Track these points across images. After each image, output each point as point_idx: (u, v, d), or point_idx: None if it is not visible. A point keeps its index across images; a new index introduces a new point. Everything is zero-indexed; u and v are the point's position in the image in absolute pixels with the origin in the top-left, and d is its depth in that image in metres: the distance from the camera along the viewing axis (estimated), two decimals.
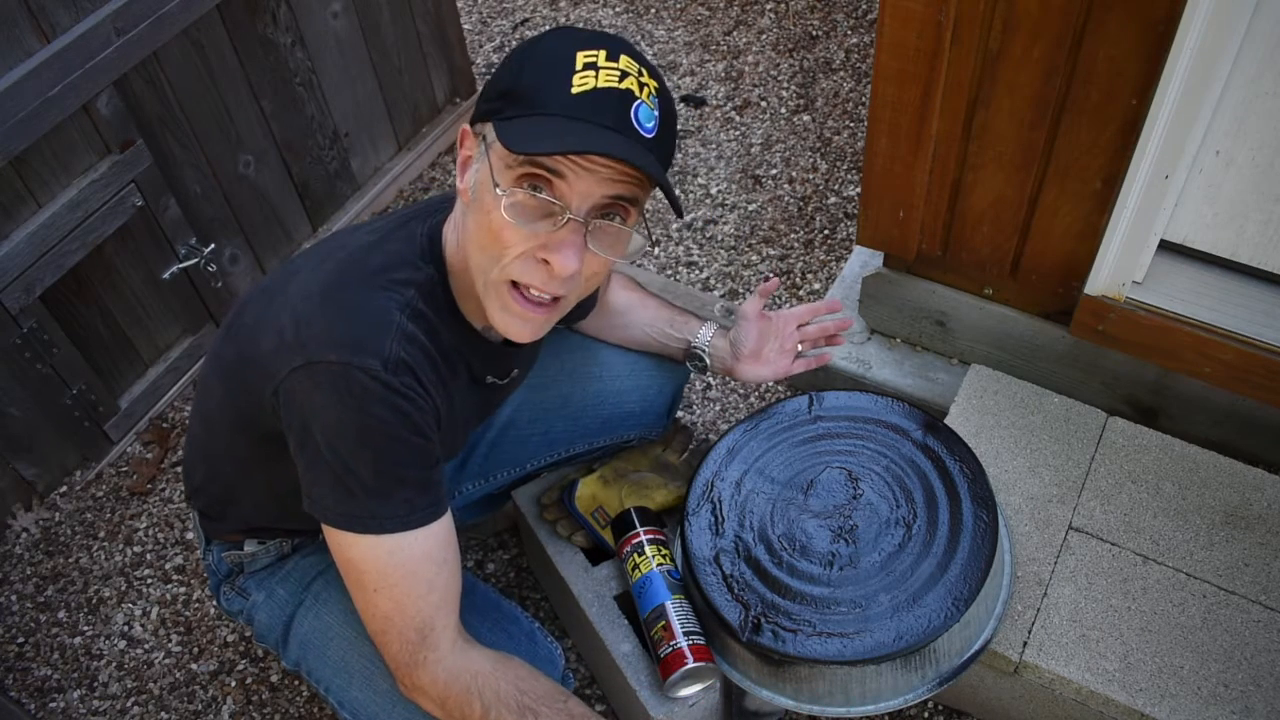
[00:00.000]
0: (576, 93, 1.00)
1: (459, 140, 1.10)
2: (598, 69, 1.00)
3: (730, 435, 1.53)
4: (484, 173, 1.04)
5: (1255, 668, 1.36)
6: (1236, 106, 1.37)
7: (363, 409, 1.05)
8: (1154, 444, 1.60)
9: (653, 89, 1.04)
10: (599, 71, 1.00)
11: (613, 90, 1.01)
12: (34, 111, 1.67)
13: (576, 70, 1.00)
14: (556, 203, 1.02)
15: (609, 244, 1.07)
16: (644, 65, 1.04)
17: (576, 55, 1.01)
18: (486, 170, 1.04)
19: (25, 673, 1.80)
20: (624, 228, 1.08)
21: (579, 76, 1.00)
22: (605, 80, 1.00)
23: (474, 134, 1.08)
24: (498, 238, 1.04)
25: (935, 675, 1.33)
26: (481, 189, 1.05)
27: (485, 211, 1.05)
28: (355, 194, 2.50)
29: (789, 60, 2.81)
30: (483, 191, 1.05)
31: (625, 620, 1.48)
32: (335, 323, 1.07)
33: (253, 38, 2.07)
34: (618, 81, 1.01)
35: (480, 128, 1.07)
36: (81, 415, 1.99)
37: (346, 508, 1.08)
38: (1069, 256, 1.61)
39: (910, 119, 1.56)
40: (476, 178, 1.06)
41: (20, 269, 1.75)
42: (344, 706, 1.32)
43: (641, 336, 1.57)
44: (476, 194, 1.07)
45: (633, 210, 1.07)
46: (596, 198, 1.03)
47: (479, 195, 1.06)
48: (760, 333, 1.51)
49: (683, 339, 1.55)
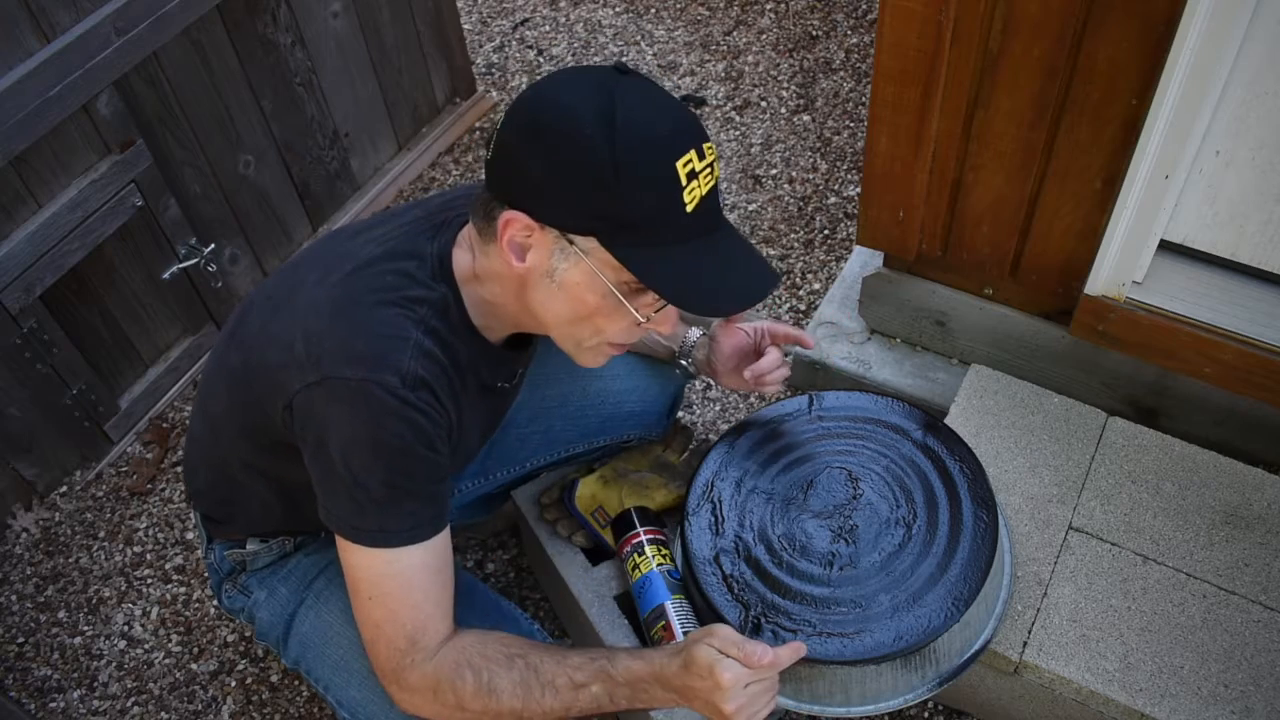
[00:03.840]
0: (691, 211, 1.01)
1: (504, 223, 1.04)
2: (697, 175, 1.01)
3: (730, 435, 1.53)
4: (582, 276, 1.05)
5: (1255, 668, 1.36)
6: (1236, 106, 1.37)
7: (379, 424, 1.06)
8: (1154, 444, 1.60)
9: (716, 155, 1.06)
10: (699, 178, 1.02)
11: (711, 191, 1.04)
12: (34, 111, 1.67)
13: (684, 187, 1.00)
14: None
15: None
16: (708, 137, 1.04)
17: (677, 168, 1.00)
18: (587, 274, 1.05)
19: (25, 673, 1.80)
20: None
21: (688, 193, 1.01)
22: (705, 184, 1.03)
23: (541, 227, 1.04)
24: (606, 322, 1.09)
25: (935, 675, 1.33)
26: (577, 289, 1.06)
27: (586, 303, 1.07)
28: (355, 194, 2.50)
29: (789, 60, 2.81)
30: (580, 291, 1.06)
31: (625, 620, 1.48)
32: (351, 339, 1.07)
33: (253, 38, 2.07)
34: (712, 179, 1.04)
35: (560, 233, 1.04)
36: (81, 415, 1.99)
37: (355, 521, 1.10)
38: (1069, 256, 1.61)
39: (910, 119, 1.56)
40: (565, 275, 1.06)
41: (20, 269, 1.75)
42: (343, 705, 1.32)
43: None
44: (563, 285, 1.07)
45: None
46: None
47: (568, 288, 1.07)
48: (734, 346, 1.48)
49: (671, 342, 1.55)
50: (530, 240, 1.05)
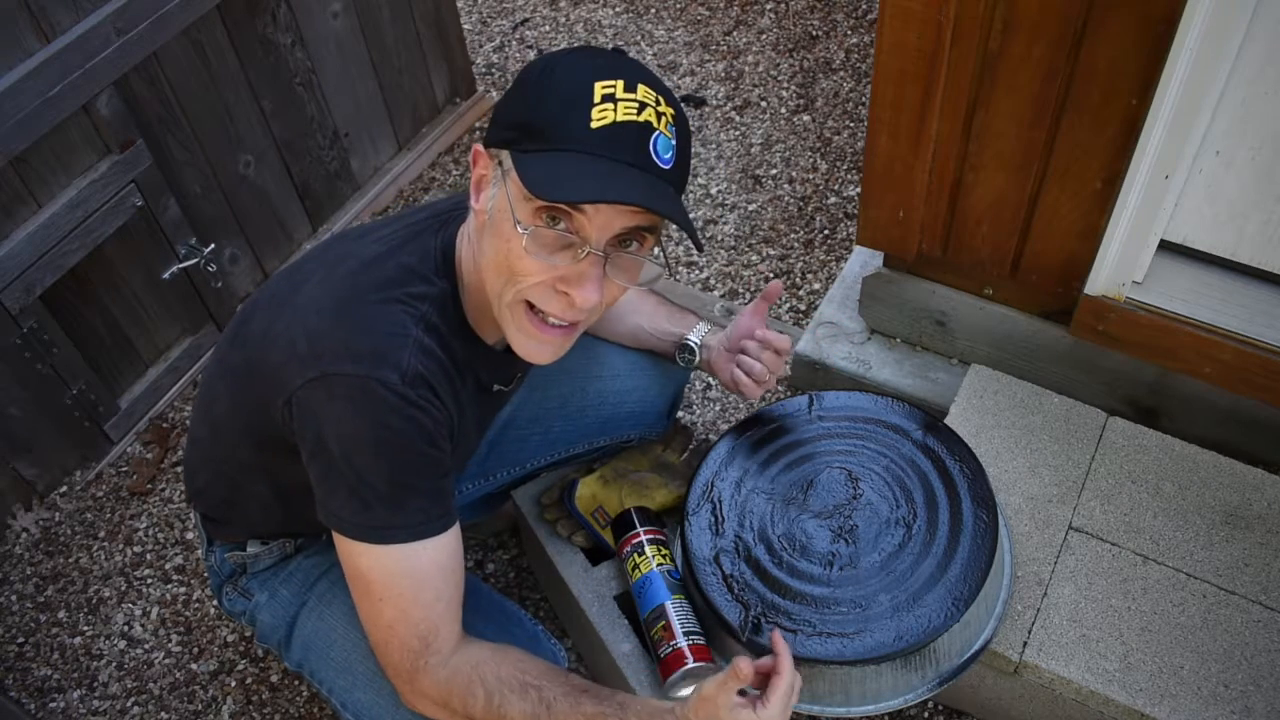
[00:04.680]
0: (595, 127, 0.99)
1: (472, 159, 1.09)
2: (616, 101, 1.00)
3: (730, 435, 1.53)
4: (501, 201, 1.04)
5: (1255, 668, 1.36)
6: (1236, 106, 1.37)
7: (379, 420, 1.06)
8: (1154, 444, 1.60)
9: (670, 117, 1.04)
10: (617, 104, 1.00)
11: (631, 124, 1.00)
12: (34, 111, 1.67)
13: (595, 103, 0.99)
14: (575, 236, 1.03)
15: (626, 272, 1.08)
16: (661, 92, 1.04)
17: (595, 86, 1.00)
18: (504, 199, 1.04)
19: (25, 673, 1.80)
20: (641, 256, 1.08)
21: (597, 110, 0.99)
22: (624, 113, 1.00)
23: (489, 156, 1.07)
24: (516, 266, 1.05)
25: (935, 675, 1.33)
26: (499, 216, 1.05)
27: (503, 239, 1.05)
28: (355, 194, 2.50)
29: (789, 60, 2.81)
30: (500, 219, 1.05)
31: (625, 620, 1.48)
32: (351, 336, 1.07)
33: (253, 38, 2.07)
34: (636, 114, 1.01)
35: (496, 153, 1.06)
36: (81, 415, 1.99)
37: (361, 519, 1.09)
38: (1069, 256, 1.61)
39: (910, 119, 1.56)
40: (494, 203, 1.06)
41: (20, 269, 1.75)
42: (346, 708, 1.32)
43: (635, 330, 1.56)
44: (493, 219, 1.06)
45: (649, 237, 1.08)
46: (615, 229, 1.04)
47: (496, 221, 1.06)
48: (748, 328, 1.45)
49: (678, 333, 1.54)
50: (484, 174, 1.08)
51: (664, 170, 1.03)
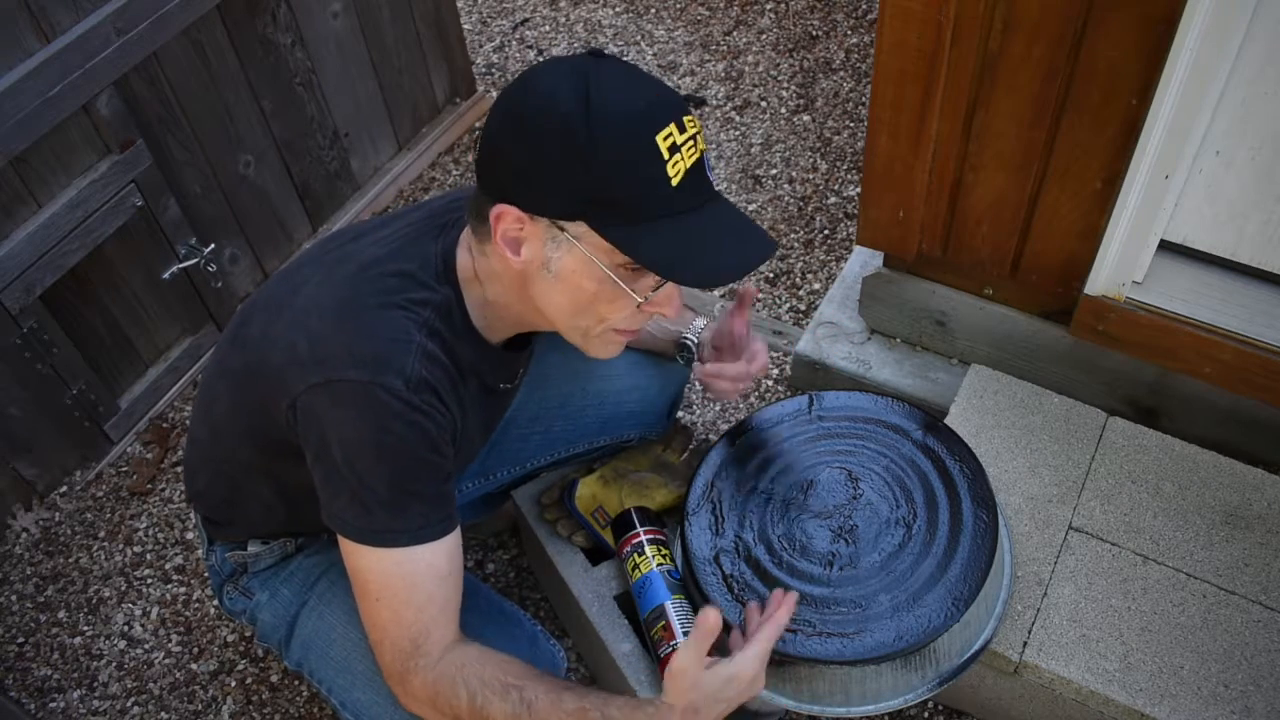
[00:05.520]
0: (676, 185, 1.00)
1: (497, 216, 1.05)
2: (680, 150, 1.00)
3: (730, 435, 1.53)
4: (575, 263, 1.04)
5: (1255, 668, 1.36)
6: (1236, 106, 1.37)
7: (383, 426, 1.06)
8: (1154, 444, 1.60)
9: (699, 127, 1.05)
10: (683, 151, 1.01)
11: (696, 164, 1.03)
12: (34, 111, 1.67)
13: (666, 160, 0.99)
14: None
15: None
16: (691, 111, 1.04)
17: (658, 142, 0.99)
18: (580, 261, 1.04)
19: (25, 673, 1.80)
20: None
21: (671, 167, 1.00)
22: (689, 157, 1.01)
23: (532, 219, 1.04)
24: (607, 310, 1.08)
25: (935, 675, 1.33)
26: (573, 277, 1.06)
27: (584, 292, 1.07)
28: (355, 194, 2.50)
29: (789, 60, 2.81)
30: (577, 279, 1.06)
31: (625, 620, 1.48)
32: (355, 341, 1.08)
33: (253, 38, 2.07)
34: (695, 151, 1.02)
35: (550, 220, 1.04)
36: (81, 415, 1.99)
37: (362, 522, 1.09)
38: (1069, 256, 1.61)
39: (910, 119, 1.56)
40: (560, 264, 1.05)
41: (20, 269, 1.75)
42: (346, 707, 1.32)
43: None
44: (559, 274, 1.06)
45: None
46: None
47: (563, 276, 1.06)
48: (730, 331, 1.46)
49: (676, 330, 1.53)
50: (523, 233, 1.05)
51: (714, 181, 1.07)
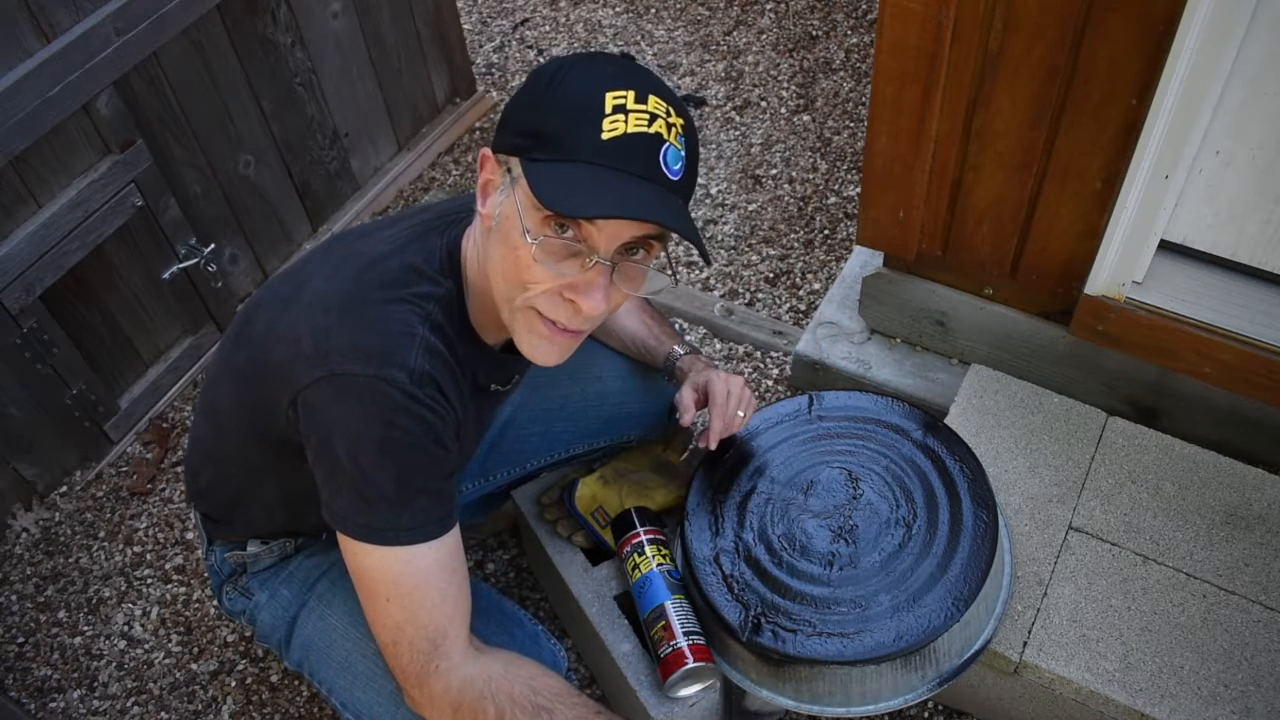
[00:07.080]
0: (607, 139, 0.99)
1: (480, 163, 1.09)
2: (627, 112, 1.00)
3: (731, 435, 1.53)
4: (510, 208, 1.04)
5: (1255, 668, 1.36)
6: (1236, 106, 1.37)
7: (387, 420, 1.06)
8: (1154, 444, 1.60)
9: (680, 128, 1.04)
10: (628, 115, 1.00)
11: (642, 135, 1.01)
12: (34, 111, 1.67)
13: (606, 114, 0.99)
14: (583, 245, 1.03)
15: (633, 280, 1.09)
16: (672, 103, 1.04)
17: (606, 97, 1.00)
18: (513, 206, 1.04)
19: (25, 673, 1.80)
20: (647, 264, 1.09)
21: (609, 121, 0.99)
22: (635, 125, 1.00)
23: (497, 161, 1.07)
24: (524, 275, 1.05)
25: (935, 675, 1.33)
26: (507, 223, 1.05)
27: (511, 246, 1.05)
28: (355, 194, 2.50)
29: (789, 60, 2.81)
30: (508, 226, 1.05)
31: (625, 620, 1.48)
32: (358, 335, 1.07)
33: (253, 38, 2.07)
34: (647, 126, 1.01)
35: (505, 159, 1.06)
36: (81, 415, 1.99)
37: (366, 519, 1.09)
38: (1069, 256, 1.61)
39: (910, 119, 1.56)
40: (501, 209, 1.06)
41: (20, 269, 1.75)
42: (347, 708, 1.32)
43: (626, 343, 1.57)
44: (500, 225, 1.06)
45: (656, 244, 1.08)
46: (623, 239, 1.04)
47: (503, 227, 1.06)
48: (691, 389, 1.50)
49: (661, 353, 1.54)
50: (491, 178, 1.07)
51: (673, 182, 1.03)
